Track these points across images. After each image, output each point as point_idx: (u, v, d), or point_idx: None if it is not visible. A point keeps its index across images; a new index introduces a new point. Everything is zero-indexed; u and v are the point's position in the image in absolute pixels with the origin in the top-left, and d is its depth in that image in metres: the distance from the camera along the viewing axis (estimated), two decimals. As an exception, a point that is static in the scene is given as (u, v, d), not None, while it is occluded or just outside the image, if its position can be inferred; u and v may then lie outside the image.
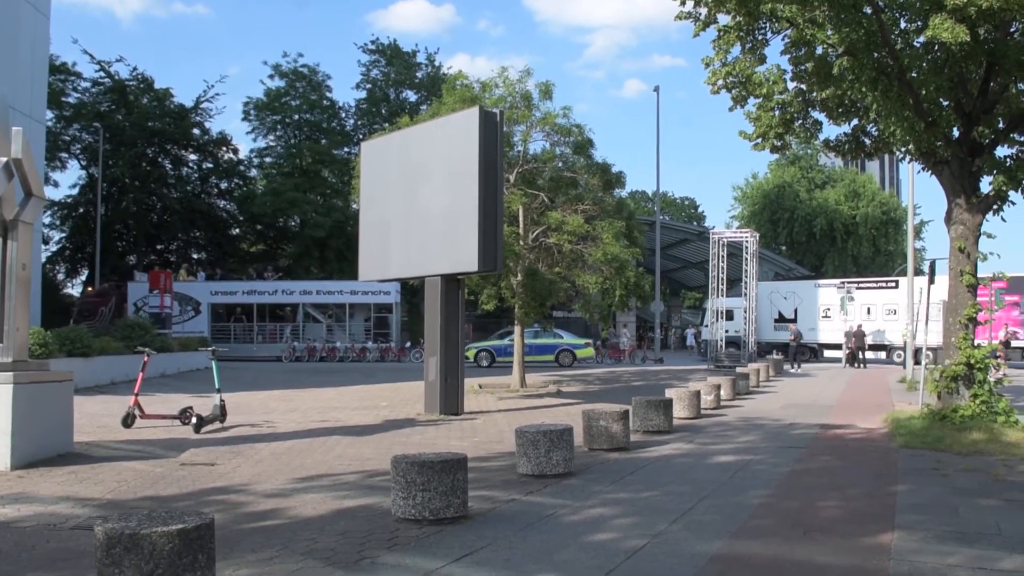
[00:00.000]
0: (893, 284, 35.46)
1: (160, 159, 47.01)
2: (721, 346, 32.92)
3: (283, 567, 5.03)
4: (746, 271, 33.38)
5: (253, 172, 51.83)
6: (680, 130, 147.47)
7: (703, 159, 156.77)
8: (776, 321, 37.38)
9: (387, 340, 37.98)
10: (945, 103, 11.72)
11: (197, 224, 47.32)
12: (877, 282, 36.43)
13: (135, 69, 46.06)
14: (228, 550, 5.31)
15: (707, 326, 37.97)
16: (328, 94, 51.42)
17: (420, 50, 53.82)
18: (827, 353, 35.84)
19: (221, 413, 12.15)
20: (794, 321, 36.15)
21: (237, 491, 7.52)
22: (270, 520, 6.37)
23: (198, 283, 39.37)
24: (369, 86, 52.45)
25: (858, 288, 36.11)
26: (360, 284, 39.56)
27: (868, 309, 34.94)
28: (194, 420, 11.66)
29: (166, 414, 12.23)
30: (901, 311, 34.05)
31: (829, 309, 36.00)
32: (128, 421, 11.58)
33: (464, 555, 5.33)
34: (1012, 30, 11.17)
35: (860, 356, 31.36)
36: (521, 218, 18.93)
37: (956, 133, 12.04)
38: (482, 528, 6.06)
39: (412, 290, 41.12)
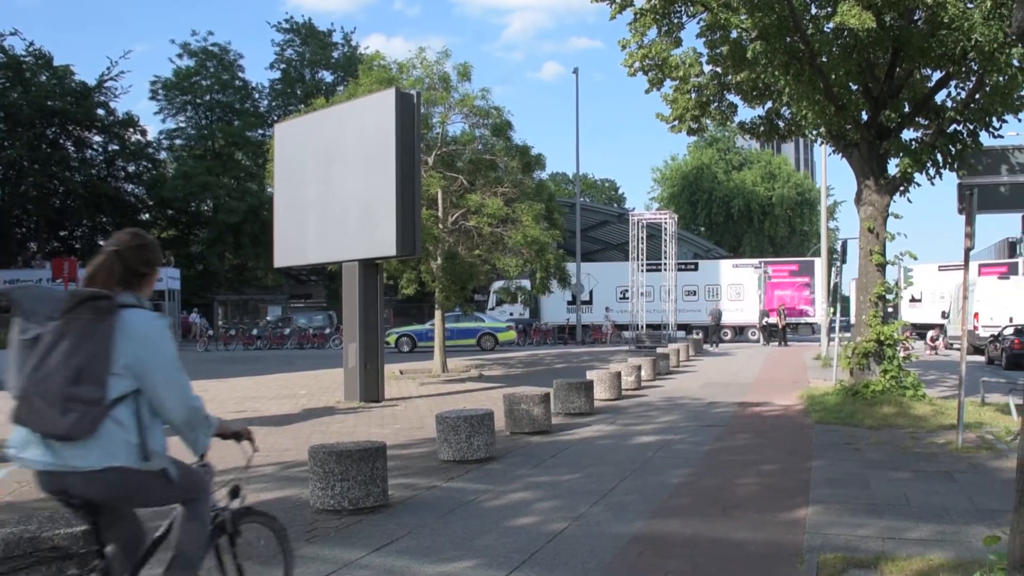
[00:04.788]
0: (692, 267, 37.53)
1: (62, 140, 44.76)
2: (642, 327, 33.40)
3: (193, 566, 4.80)
4: (665, 252, 33.92)
5: (163, 155, 49.92)
6: (599, 112, 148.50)
7: (623, 141, 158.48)
8: (568, 303, 36.82)
9: None
10: (854, 87, 12.07)
11: (103, 209, 45.29)
12: (677, 264, 36.27)
13: (31, 44, 43.79)
14: (133, 550, 5.04)
15: (493, 309, 38.35)
16: (241, 74, 49.95)
17: (336, 30, 52.91)
18: (625, 334, 35.43)
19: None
20: (589, 302, 37.06)
21: (145, 487, 7.18)
22: (180, 517, 6.10)
23: None
24: (283, 66, 51.17)
25: (652, 271, 36.31)
26: None
27: (668, 291, 35.27)
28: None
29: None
30: (700, 293, 36.52)
31: (626, 291, 35.72)
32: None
33: (384, 544, 5.22)
34: (916, 17, 11.55)
35: (781, 333, 32.33)
36: (440, 201, 18.73)
37: (865, 117, 12.42)
38: (403, 516, 5.96)
39: (331, 275, 40.37)
